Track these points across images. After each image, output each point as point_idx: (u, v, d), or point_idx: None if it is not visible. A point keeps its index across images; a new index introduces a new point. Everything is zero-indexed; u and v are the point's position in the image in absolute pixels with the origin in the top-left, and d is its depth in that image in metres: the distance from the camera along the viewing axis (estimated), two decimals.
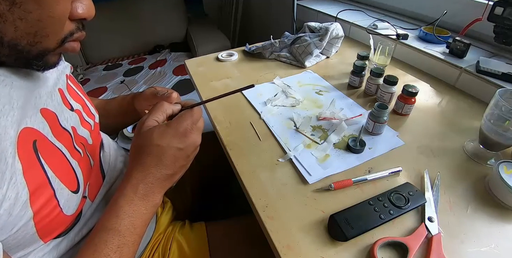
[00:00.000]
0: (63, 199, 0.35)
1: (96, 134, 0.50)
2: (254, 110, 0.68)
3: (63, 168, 0.36)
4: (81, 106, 0.47)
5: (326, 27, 0.85)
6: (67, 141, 0.39)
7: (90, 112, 0.50)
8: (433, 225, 0.41)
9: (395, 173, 0.50)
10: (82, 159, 0.41)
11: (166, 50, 1.98)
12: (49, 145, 0.35)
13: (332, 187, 0.47)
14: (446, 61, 0.73)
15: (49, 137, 0.36)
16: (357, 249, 0.40)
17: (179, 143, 0.38)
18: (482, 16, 0.72)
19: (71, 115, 0.43)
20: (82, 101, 0.48)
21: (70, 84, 0.48)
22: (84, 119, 0.47)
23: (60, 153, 0.37)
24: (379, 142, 0.57)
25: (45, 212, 0.33)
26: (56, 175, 0.34)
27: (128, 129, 1.28)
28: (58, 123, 0.39)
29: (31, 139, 0.33)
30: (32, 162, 0.32)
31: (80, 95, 0.49)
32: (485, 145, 0.51)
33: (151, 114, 0.40)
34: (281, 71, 0.84)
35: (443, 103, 0.68)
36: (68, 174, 0.37)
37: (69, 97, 0.45)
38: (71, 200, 0.37)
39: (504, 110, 0.45)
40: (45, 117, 0.37)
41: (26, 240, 0.32)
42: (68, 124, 0.41)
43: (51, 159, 0.35)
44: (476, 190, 0.47)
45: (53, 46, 0.33)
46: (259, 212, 0.45)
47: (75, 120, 0.44)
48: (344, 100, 0.70)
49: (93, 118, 0.50)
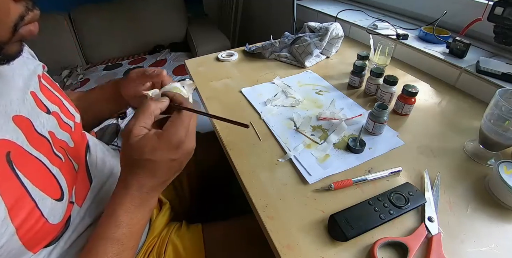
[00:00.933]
0: (47, 208, 0.34)
1: (78, 135, 0.48)
2: (254, 110, 0.68)
3: (43, 177, 0.35)
4: (58, 108, 0.45)
5: (326, 27, 0.85)
6: (45, 148, 0.37)
7: (69, 113, 0.47)
8: (433, 225, 0.41)
9: (395, 173, 0.50)
10: (64, 164, 0.40)
11: (166, 50, 1.98)
12: (25, 154, 0.34)
13: (332, 187, 0.47)
14: (446, 61, 0.73)
15: (25, 146, 0.34)
16: (357, 249, 0.40)
17: (173, 154, 0.36)
18: (482, 16, 0.71)
19: (48, 118, 0.41)
20: (59, 102, 0.46)
21: (45, 84, 0.45)
22: (63, 121, 0.44)
23: (38, 162, 0.35)
24: (379, 142, 0.57)
25: (28, 225, 0.31)
26: (36, 185, 0.33)
27: None
28: (33, 129, 0.37)
29: (4, 150, 0.31)
30: (6, 175, 0.30)
31: (56, 95, 0.46)
32: (485, 145, 0.51)
33: (138, 119, 0.36)
34: (281, 71, 0.84)
35: (443, 103, 0.68)
36: (49, 183, 0.36)
37: (44, 98, 0.43)
38: (56, 208, 0.35)
39: (504, 110, 0.45)
40: (19, 125, 0.35)
41: (14, 254, 0.31)
42: (44, 130, 0.39)
43: (29, 169, 0.33)
44: (476, 190, 0.47)
45: (6, 37, 0.30)
46: (259, 212, 0.45)
47: (53, 124, 0.41)
48: (344, 100, 0.70)
49: (72, 119, 0.47)
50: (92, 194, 0.45)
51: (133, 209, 0.37)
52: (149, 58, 1.92)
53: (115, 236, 0.35)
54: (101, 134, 1.30)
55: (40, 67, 0.47)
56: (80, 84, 1.71)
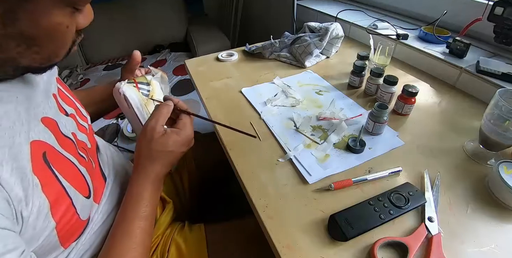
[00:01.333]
0: (79, 205, 0.37)
1: (92, 136, 0.51)
2: (254, 110, 0.68)
3: (75, 176, 0.38)
4: (74, 110, 0.47)
5: (326, 27, 0.85)
6: (71, 148, 0.40)
7: (83, 115, 0.50)
8: (433, 225, 0.41)
9: (395, 173, 0.50)
10: (87, 163, 0.42)
11: (166, 50, 1.98)
12: (58, 154, 0.36)
13: (332, 187, 0.47)
14: (446, 61, 0.73)
15: (56, 147, 0.36)
16: (357, 249, 0.40)
17: (185, 148, 0.49)
18: (482, 16, 0.71)
19: (67, 121, 0.43)
20: (73, 105, 0.48)
21: (60, 87, 0.47)
22: (80, 124, 0.47)
23: (69, 161, 0.38)
24: (379, 142, 0.57)
25: (65, 220, 0.34)
26: (71, 184, 0.36)
27: (128, 129, 1.28)
28: (59, 131, 0.39)
29: (41, 151, 0.33)
30: (47, 174, 0.33)
31: (70, 98, 0.49)
32: (485, 145, 0.51)
33: (159, 120, 0.46)
34: (281, 71, 0.84)
35: (443, 103, 0.68)
36: (80, 181, 0.38)
37: (62, 102, 0.45)
38: (86, 205, 0.39)
39: (504, 110, 0.45)
40: (47, 126, 0.37)
41: (50, 248, 0.34)
42: (68, 131, 0.41)
43: (63, 169, 0.35)
44: (476, 190, 0.47)
45: (63, 57, 0.34)
46: (259, 212, 0.45)
47: (73, 126, 0.44)
48: (344, 100, 0.70)
49: (86, 120, 0.50)
50: (106, 192, 0.47)
51: (154, 192, 0.46)
52: (149, 58, 1.92)
53: (144, 215, 0.43)
54: (101, 133, 1.30)
55: (56, 70, 0.49)
56: (80, 84, 1.71)
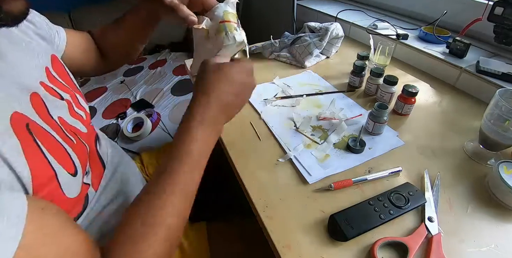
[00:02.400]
0: (63, 180, 0.35)
1: (88, 126, 0.49)
2: (254, 110, 0.68)
3: (58, 150, 0.36)
4: (70, 97, 0.45)
5: (326, 27, 0.85)
6: (56, 128, 0.38)
7: (80, 104, 0.48)
8: (433, 225, 0.41)
9: (395, 173, 0.50)
10: (76, 145, 0.40)
11: (166, 50, 1.98)
12: (40, 128, 0.34)
13: (332, 187, 0.47)
14: (446, 61, 0.73)
15: (40, 123, 0.35)
16: (357, 249, 0.40)
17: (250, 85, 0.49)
18: (482, 16, 0.71)
19: (61, 104, 0.42)
20: (71, 93, 0.47)
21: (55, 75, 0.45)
22: (74, 110, 0.45)
23: (52, 137, 0.36)
24: (379, 142, 0.57)
25: (46, 191, 0.32)
26: (54, 157, 0.34)
27: (128, 129, 1.28)
28: (46, 111, 0.38)
29: (24, 122, 0.32)
30: (28, 141, 0.31)
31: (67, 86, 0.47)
32: (485, 145, 0.51)
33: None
34: (281, 71, 0.84)
35: (443, 103, 0.68)
36: (63, 156, 0.36)
37: (56, 87, 0.43)
38: (71, 182, 0.37)
39: (504, 110, 0.45)
40: (33, 103, 0.35)
41: None
42: (55, 114, 0.39)
43: (46, 141, 0.34)
44: (476, 190, 0.47)
45: None
46: (259, 212, 0.45)
47: (64, 111, 0.42)
48: (344, 100, 0.70)
49: (83, 110, 0.48)
50: (105, 180, 0.46)
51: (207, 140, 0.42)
52: (149, 58, 1.92)
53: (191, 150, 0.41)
54: None
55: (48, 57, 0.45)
56: (80, 84, 1.71)
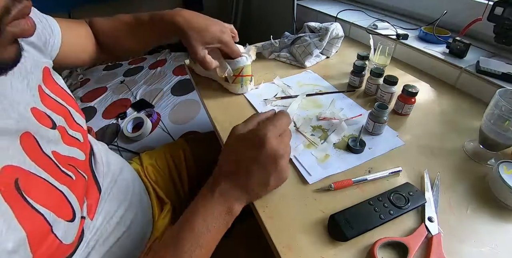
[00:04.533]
0: (61, 231, 0.33)
1: (86, 145, 0.46)
2: (254, 110, 0.68)
3: (54, 199, 0.34)
4: (64, 120, 0.42)
5: (326, 27, 0.85)
6: (51, 167, 0.35)
7: (75, 124, 0.44)
8: (433, 225, 0.41)
9: (395, 173, 0.50)
10: (74, 181, 0.38)
11: (166, 50, 1.98)
12: (33, 178, 0.32)
13: (332, 187, 0.47)
14: (446, 61, 0.73)
15: (32, 169, 0.32)
16: (357, 249, 0.40)
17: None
18: (482, 16, 0.71)
19: (53, 135, 0.38)
20: (65, 112, 0.42)
21: (48, 93, 0.41)
22: (69, 136, 0.42)
23: (47, 183, 0.33)
24: (379, 142, 0.57)
25: (44, 248, 0.31)
26: (49, 209, 0.32)
27: (128, 129, 1.28)
28: (39, 148, 0.35)
29: (13, 178, 0.29)
30: (19, 203, 0.29)
31: (61, 103, 0.42)
32: (485, 145, 0.51)
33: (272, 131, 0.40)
34: (281, 71, 0.84)
35: (443, 103, 0.68)
36: (60, 205, 0.35)
37: (49, 111, 0.39)
38: (69, 229, 0.35)
39: (504, 110, 0.45)
40: (24, 145, 0.32)
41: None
42: (49, 149, 0.36)
43: (39, 194, 0.31)
44: (476, 190, 0.47)
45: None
46: (259, 212, 0.45)
47: (58, 141, 0.39)
48: (344, 100, 0.70)
49: (80, 129, 0.45)
50: (102, 204, 0.45)
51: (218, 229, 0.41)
52: (149, 58, 1.92)
53: None
54: (101, 133, 1.30)
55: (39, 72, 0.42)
56: (80, 84, 1.71)
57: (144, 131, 1.25)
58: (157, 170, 0.71)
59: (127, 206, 0.50)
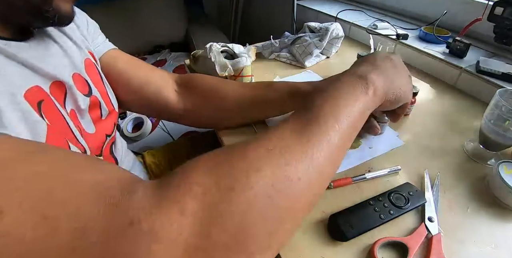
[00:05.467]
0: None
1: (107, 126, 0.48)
2: None
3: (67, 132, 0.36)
4: (100, 94, 0.46)
5: (326, 27, 0.85)
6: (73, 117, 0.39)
7: (110, 102, 0.48)
8: (433, 225, 0.41)
9: (395, 172, 0.50)
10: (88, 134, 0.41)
11: (166, 50, 1.97)
12: (54, 108, 0.34)
13: (331, 185, 0.47)
14: (446, 61, 0.73)
15: (56, 103, 0.35)
16: (357, 249, 0.40)
17: None
18: (482, 16, 0.72)
19: (83, 99, 0.41)
20: (103, 89, 0.47)
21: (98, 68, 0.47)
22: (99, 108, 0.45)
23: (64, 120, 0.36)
24: (379, 142, 0.57)
25: None
26: None
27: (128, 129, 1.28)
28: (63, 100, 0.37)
29: (37, 98, 0.32)
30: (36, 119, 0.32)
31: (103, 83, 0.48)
32: (485, 145, 0.51)
33: None
34: (281, 71, 0.84)
35: (443, 103, 0.68)
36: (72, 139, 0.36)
37: (91, 81, 0.43)
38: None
39: (504, 110, 0.45)
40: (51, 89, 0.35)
41: None
42: (69, 106, 0.39)
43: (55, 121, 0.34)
44: (476, 190, 0.47)
45: None
46: None
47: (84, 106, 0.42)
48: None
49: (111, 108, 0.49)
50: None
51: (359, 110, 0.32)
52: (149, 58, 1.92)
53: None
54: None
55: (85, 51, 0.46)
56: None
57: (144, 131, 1.25)
58: (161, 169, 0.72)
59: None
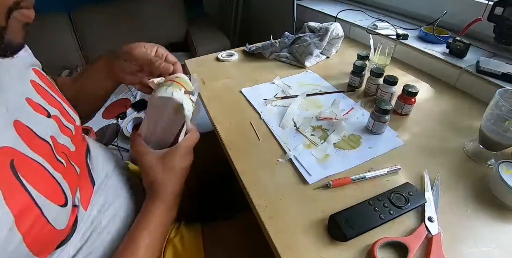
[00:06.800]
0: (52, 215, 0.34)
1: (79, 139, 0.48)
2: (254, 110, 0.68)
3: (47, 183, 0.35)
4: (58, 111, 0.44)
5: (326, 27, 0.85)
6: (47, 153, 0.37)
7: (69, 116, 0.47)
8: (433, 225, 0.41)
9: (394, 172, 0.50)
10: (66, 169, 0.39)
11: None
12: (28, 161, 0.33)
13: (330, 184, 0.47)
14: (446, 61, 0.73)
15: (27, 153, 0.34)
16: (357, 249, 0.40)
17: None
18: (482, 16, 0.71)
19: (49, 122, 0.40)
20: (59, 105, 0.45)
21: (43, 86, 0.44)
22: (63, 125, 0.44)
23: (41, 168, 0.35)
24: (379, 142, 0.57)
25: (35, 232, 0.31)
26: (40, 193, 0.33)
27: (128, 129, 1.28)
28: (34, 135, 0.36)
29: (8, 159, 0.31)
30: (11, 184, 0.30)
31: (55, 98, 0.46)
32: (485, 145, 0.51)
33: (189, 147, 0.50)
34: (281, 71, 0.84)
35: (443, 103, 0.68)
36: (53, 189, 0.35)
37: (44, 102, 0.42)
38: (61, 214, 0.36)
39: (504, 110, 0.45)
40: (19, 131, 0.34)
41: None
42: (46, 134, 0.38)
43: (33, 176, 0.33)
44: (476, 190, 0.47)
45: (2, 22, 0.30)
46: (259, 212, 0.45)
47: (54, 128, 0.41)
48: (344, 101, 0.70)
49: (73, 122, 0.47)
50: (95, 197, 0.45)
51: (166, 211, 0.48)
52: None
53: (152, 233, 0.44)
54: (101, 134, 1.30)
55: (30, 71, 0.45)
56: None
57: None
58: None
59: (123, 201, 0.50)
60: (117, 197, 0.50)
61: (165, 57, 0.53)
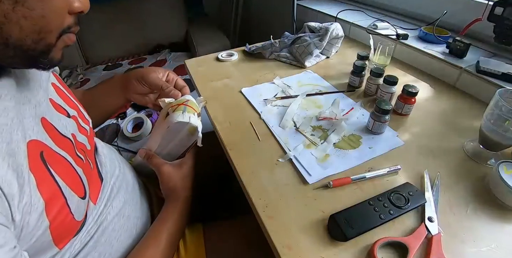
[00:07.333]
0: (74, 205, 0.36)
1: (92, 139, 0.51)
2: (254, 110, 0.68)
3: (71, 176, 0.38)
4: (76, 112, 0.48)
5: (326, 27, 0.85)
6: (69, 149, 0.40)
7: (85, 118, 0.50)
8: (433, 225, 0.41)
9: (394, 172, 0.50)
10: (84, 165, 0.42)
11: (166, 50, 1.97)
12: (55, 154, 0.36)
13: (330, 184, 0.47)
14: (446, 61, 0.73)
15: (53, 147, 0.37)
16: (357, 249, 0.40)
17: None
18: (482, 16, 0.71)
19: (69, 122, 0.43)
20: (76, 107, 0.49)
21: (62, 88, 0.48)
22: (81, 126, 0.47)
23: (66, 161, 0.38)
24: (379, 142, 0.57)
25: (59, 220, 0.34)
26: (66, 183, 0.36)
27: (128, 129, 1.28)
28: (57, 132, 0.39)
29: (38, 150, 0.34)
30: (43, 173, 0.33)
31: (73, 100, 0.49)
32: (485, 145, 0.51)
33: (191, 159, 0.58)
34: (281, 71, 0.84)
35: (443, 103, 0.68)
36: (76, 181, 0.38)
37: (63, 103, 0.45)
38: (80, 205, 0.38)
39: (504, 110, 0.45)
40: (45, 127, 0.37)
41: (44, 248, 0.33)
42: (68, 132, 0.42)
43: (59, 168, 0.36)
44: (476, 190, 0.47)
45: (53, 41, 0.33)
46: (259, 212, 0.45)
47: (74, 127, 0.44)
48: (344, 101, 0.70)
49: (87, 123, 0.51)
50: (102, 193, 0.47)
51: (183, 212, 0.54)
52: (149, 58, 1.92)
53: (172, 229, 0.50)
54: (101, 133, 1.30)
55: (50, 75, 0.48)
56: (80, 84, 1.71)
57: (144, 131, 1.25)
58: None
59: (127, 197, 0.51)
60: (121, 193, 0.51)
61: (175, 81, 0.59)
